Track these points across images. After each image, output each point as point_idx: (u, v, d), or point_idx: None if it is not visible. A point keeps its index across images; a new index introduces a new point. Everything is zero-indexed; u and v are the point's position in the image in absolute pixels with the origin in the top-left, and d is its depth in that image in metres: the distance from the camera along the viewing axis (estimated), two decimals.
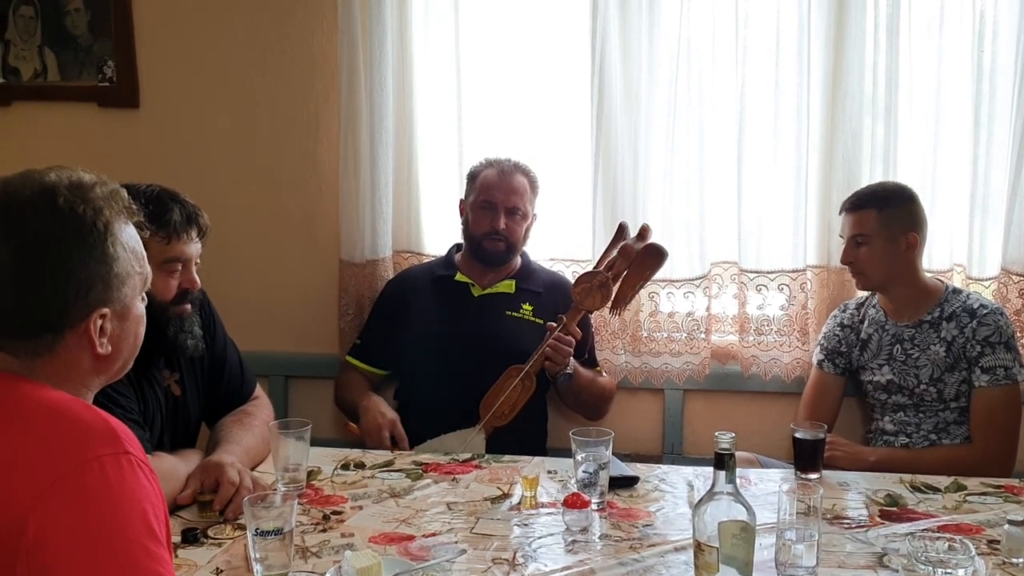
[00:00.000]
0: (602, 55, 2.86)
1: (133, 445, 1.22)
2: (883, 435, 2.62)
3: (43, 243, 1.25)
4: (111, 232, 1.29)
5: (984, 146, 2.76)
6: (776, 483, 2.13)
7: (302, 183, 3.13)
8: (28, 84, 3.21)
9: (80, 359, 1.30)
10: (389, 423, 2.57)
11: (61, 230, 1.25)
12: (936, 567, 1.56)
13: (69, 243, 1.26)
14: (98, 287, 1.28)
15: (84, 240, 1.26)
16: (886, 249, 2.52)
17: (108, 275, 1.29)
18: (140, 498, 1.18)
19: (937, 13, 2.78)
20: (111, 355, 1.32)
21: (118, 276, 1.30)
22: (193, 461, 2.04)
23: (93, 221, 1.27)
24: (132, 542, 1.14)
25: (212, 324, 2.28)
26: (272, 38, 3.08)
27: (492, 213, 2.77)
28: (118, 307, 1.31)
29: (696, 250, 2.93)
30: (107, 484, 1.15)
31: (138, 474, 1.19)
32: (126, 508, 1.16)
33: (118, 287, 1.30)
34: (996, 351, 2.47)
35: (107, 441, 1.19)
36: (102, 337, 1.30)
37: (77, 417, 1.22)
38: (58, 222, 1.25)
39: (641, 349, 2.98)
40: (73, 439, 1.18)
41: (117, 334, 1.32)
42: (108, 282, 1.29)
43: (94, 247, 1.27)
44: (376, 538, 1.86)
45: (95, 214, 1.28)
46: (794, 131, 2.82)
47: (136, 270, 1.34)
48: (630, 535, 1.89)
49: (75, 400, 1.26)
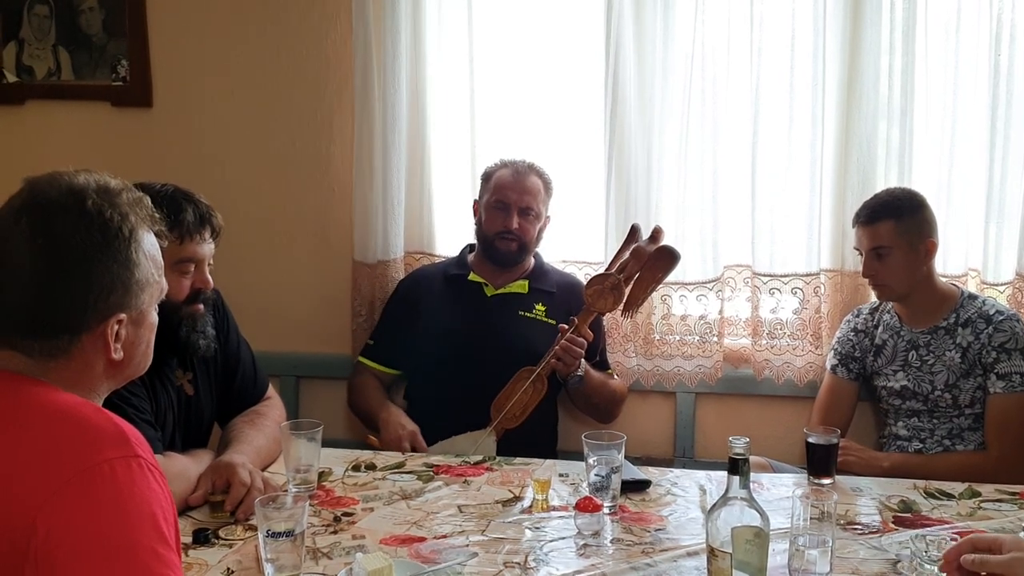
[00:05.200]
0: (616, 57, 2.85)
1: (143, 448, 1.22)
2: (897, 440, 2.61)
3: (69, 244, 1.25)
4: (135, 238, 1.29)
5: (1000, 150, 2.74)
6: (789, 488, 2.13)
7: (315, 183, 3.13)
8: (42, 83, 3.21)
9: (94, 363, 1.30)
10: (409, 435, 2.57)
11: (88, 232, 1.25)
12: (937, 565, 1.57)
13: (95, 246, 1.26)
14: (118, 292, 1.28)
15: (109, 244, 1.27)
16: (908, 258, 2.51)
17: (129, 281, 1.29)
18: (150, 501, 1.17)
19: (954, 16, 2.76)
20: (123, 361, 1.32)
21: (138, 283, 1.30)
22: (204, 461, 2.04)
23: (119, 226, 1.27)
24: (141, 545, 1.14)
25: (225, 324, 2.28)
26: (286, 39, 3.08)
27: (505, 213, 2.77)
28: (135, 314, 1.32)
29: (709, 253, 2.92)
30: (117, 487, 1.15)
31: (148, 477, 1.19)
32: (136, 511, 1.15)
33: (137, 294, 1.31)
34: (1012, 357, 2.45)
35: (117, 444, 1.19)
36: (117, 342, 1.30)
37: (87, 420, 1.21)
38: (86, 224, 1.25)
39: (653, 352, 2.97)
40: (83, 442, 1.18)
41: (131, 340, 1.33)
42: (129, 288, 1.29)
43: (119, 252, 1.27)
44: (387, 540, 1.85)
45: (122, 219, 1.28)
46: (808, 134, 2.81)
47: (155, 278, 1.34)
48: (642, 539, 1.88)
49: (85, 403, 1.25)
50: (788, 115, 2.83)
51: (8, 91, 3.22)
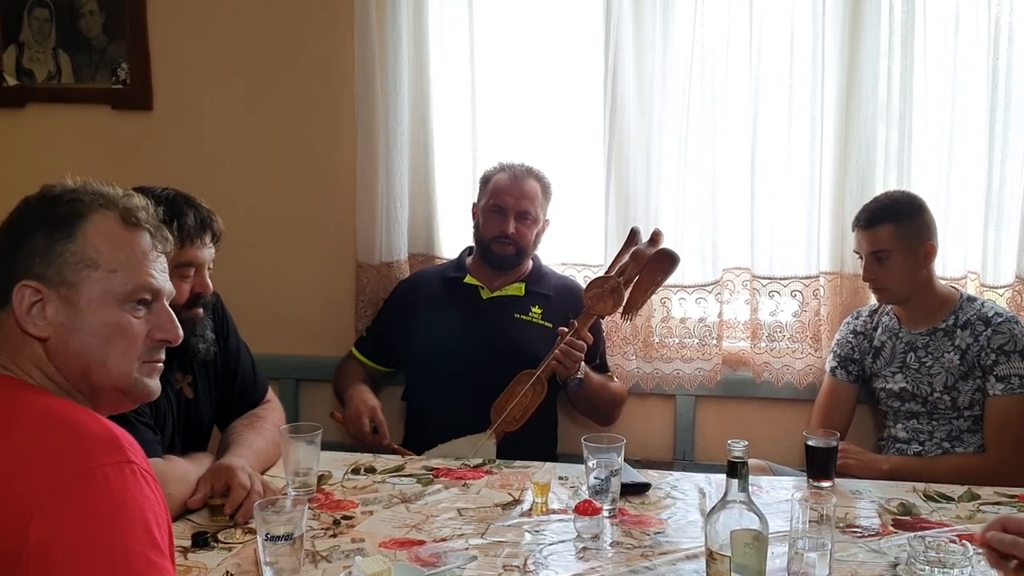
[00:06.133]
0: (616, 60, 2.86)
1: (136, 454, 1.21)
2: (896, 443, 2.61)
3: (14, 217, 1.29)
4: (83, 216, 1.27)
5: (999, 153, 2.74)
6: (788, 491, 2.12)
7: (317, 185, 3.13)
8: (42, 86, 3.22)
9: (15, 337, 1.26)
10: (369, 409, 2.59)
11: (34, 206, 1.29)
12: (934, 567, 1.57)
13: (32, 215, 1.28)
14: (36, 259, 1.25)
15: (46, 214, 1.27)
16: (908, 261, 2.51)
17: (51, 250, 1.25)
18: (143, 507, 1.17)
19: (952, 19, 2.76)
20: (59, 346, 1.26)
21: (68, 254, 1.25)
22: (204, 464, 2.04)
23: (70, 201, 1.28)
24: (134, 552, 1.13)
25: (225, 327, 2.29)
26: (287, 41, 3.08)
27: (502, 217, 2.77)
28: (66, 291, 1.25)
29: (708, 255, 2.92)
30: (109, 494, 1.14)
31: (141, 483, 1.18)
32: (128, 518, 1.15)
33: (62, 268, 1.25)
34: (1011, 359, 2.45)
35: (110, 450, 1.18)
36: (35, 317, 1.25)
37: (80, 426, 1.20)
38: (38, 202, 1.29)
39: (652, 355, 2.97)
40: (76, 448, 1.17)
41: (61, 321, 1.25)
42: (49, 257, 1.25)
43: (54, 223, 1.26)
44: (386, 543, 1.85)
45: (75, 198, 1.28)
46: (808, 137, 2.82)
47: (107, 266, 1.27)
48: (641, 542, 1.88)
49: (79, 408, 1.24)
50: (787, 118, 2.83)
51: (8, 94, 3.23)
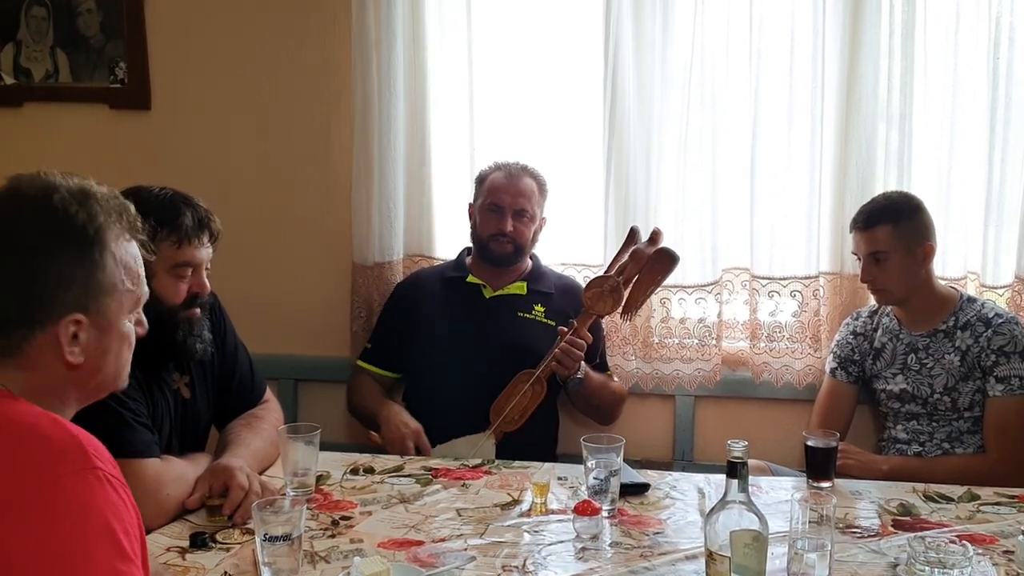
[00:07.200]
0: (615, 59, 2.85)
1: (103, 459, 1.18)
2: (896, 444, 2.61)
3: (21, 234, 1.24)
4: (100, 239, 1.27)
5: (999, 153, 2.74)
6: (788, 491, 2.12)
7: (314, 185, 3.13)
8: (40, 85, 3.21)
9: (50, 365, 1.25)
10: (413, 433, 2.57)
11: (44, 225, 1.24)
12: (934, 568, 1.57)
13: (49, 238, 1.24)
14: (74, 291, 1.25)
15: (67, 239, 1.25)
16: (906, 262, 2.50)
17: (88, 281, 1.26)
18: (107, 515, 1.13)
19: (952, 19, 2.76)
20: (87, 368, 1.28)
21: (100, 285, 1.27)
22: (202, 464, 2.04)
23: (83, 224, 1.25)
24: (98, 563, 1.10)
25: (222, 327, 2.28)
26: (284, 42, 3.08)
27: (499, 216, 2.77)
28: (98, 318, 1.27)
29: (708, 255, 2.91)
30: (69, 504, 1.11)
31: (106, 489, 1.15)
32: (91, 528, 1.12)
33: (97, 296, 1.27)
34: (1011, 361, 2.45)
35: (72, 458, 1.15)
36: (74, 346, 1.25)
37: (42, 434, 1.17)
38: (45, 218, 1.24)
39: (652, 355, 2.97)
40: (36, 458, 1.14)
41: (94, 346, 1.28)
42: (87, 288, 1.26)
43: (78, 249, 1.25)
44: (385, 544, 1.85)
45: (88, 218, 1.26)
46: (808, 137, 2.81)
47: (125, 287, 1.30)
48: (641, 543, 1.87)
49: (44, 415, 1.21)
50: (787, 118, 2.82)
51: (6, 93, 3.22)
